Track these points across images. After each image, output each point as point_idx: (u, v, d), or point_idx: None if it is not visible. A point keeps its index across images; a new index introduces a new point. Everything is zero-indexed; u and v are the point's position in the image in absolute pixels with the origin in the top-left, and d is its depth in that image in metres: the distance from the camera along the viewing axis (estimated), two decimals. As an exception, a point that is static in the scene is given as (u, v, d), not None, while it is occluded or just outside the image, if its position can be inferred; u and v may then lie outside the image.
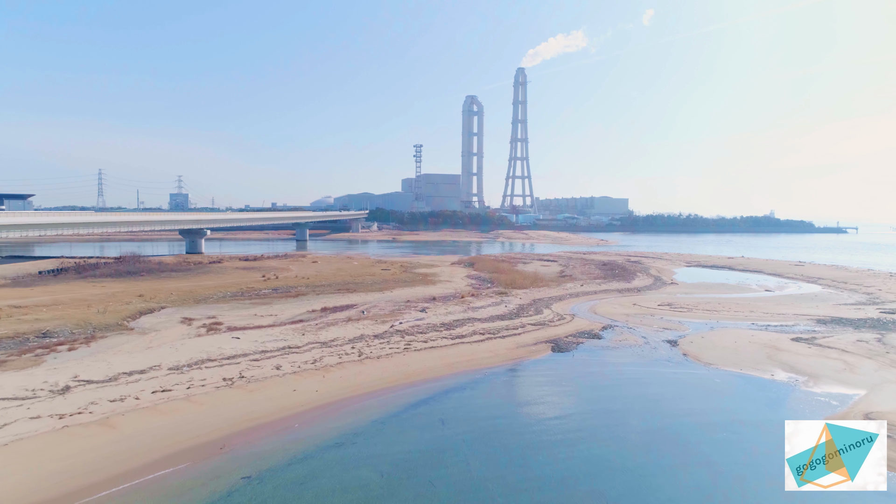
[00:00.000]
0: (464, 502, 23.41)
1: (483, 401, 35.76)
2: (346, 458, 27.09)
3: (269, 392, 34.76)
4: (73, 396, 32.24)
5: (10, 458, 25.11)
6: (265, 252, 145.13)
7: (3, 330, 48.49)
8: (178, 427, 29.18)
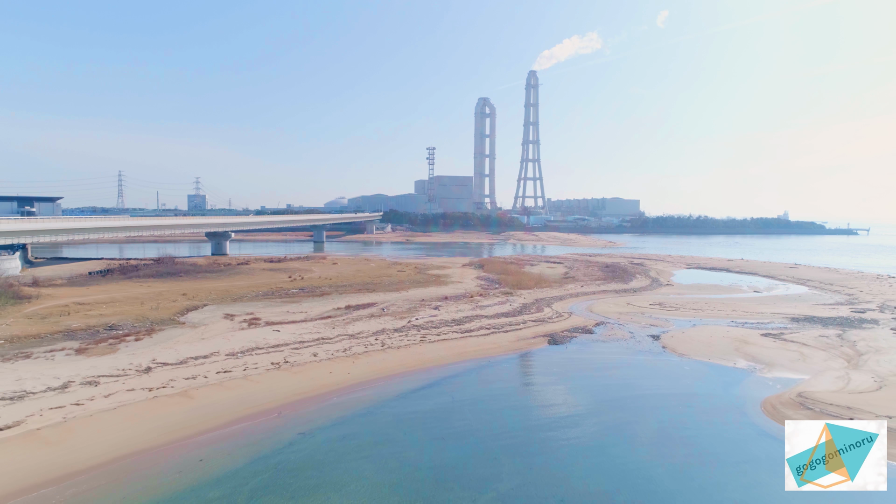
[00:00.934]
0: (463, 445, 30.90)
1: (484, 381, 43.19)
2: (375, 420, 34.57)
3: (310, 374, 42.33)
4: (155, 375, 40.02)
5: (119, 418, 32.81)
6: (287, 254, 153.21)
7: (77, 324, 56.58)
8: (242, 399, 36.78)
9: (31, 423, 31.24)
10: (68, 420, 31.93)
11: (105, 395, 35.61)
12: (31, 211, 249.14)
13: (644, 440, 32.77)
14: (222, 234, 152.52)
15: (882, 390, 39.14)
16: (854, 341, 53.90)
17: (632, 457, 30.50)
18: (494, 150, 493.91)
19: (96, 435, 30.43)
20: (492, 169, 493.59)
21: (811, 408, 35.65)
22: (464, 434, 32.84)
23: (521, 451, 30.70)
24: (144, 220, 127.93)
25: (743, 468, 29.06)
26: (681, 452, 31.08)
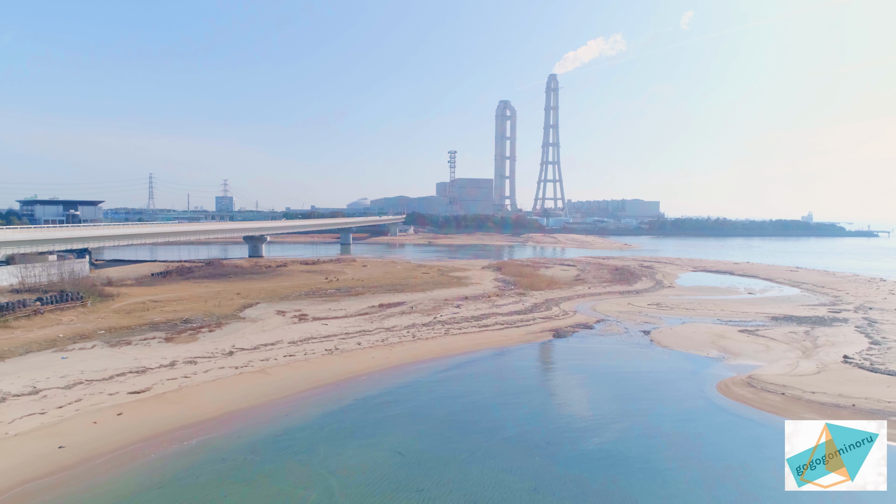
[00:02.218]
0: (478, 407, 41.01)
1: (498, 364, 53.37)
2: (412, 392, 44.77)
3: (356, 358, 52.69)
4: (237, 357, 50.74)
5: (219, 387, 43.40)
6: (318, 256, 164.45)
7: (158, 318, 67.81)
8: (306, 376, 47.23)
9: (157, 389, 42.02)
10: (182, 388, 42.67)
11: (204, 371, 46.38)
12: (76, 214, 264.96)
13: (612, 401, 42.65)
14: (259, 238, 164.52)
15: (819, 374, 48.23)
16: (817, 337, 62.72)
17: (597, 410, 40.54)
18: (515, 152, 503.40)
19: (205, 398, 41.08)
20: (512, 171, 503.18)
21: (755, 386, 45.00)
22: (479, 400, 42.93)
23: (520, 409, 40.69)
24: (195, 226, 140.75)
25: (689, 426, 38.54)
26: (639, 412, 40.75)
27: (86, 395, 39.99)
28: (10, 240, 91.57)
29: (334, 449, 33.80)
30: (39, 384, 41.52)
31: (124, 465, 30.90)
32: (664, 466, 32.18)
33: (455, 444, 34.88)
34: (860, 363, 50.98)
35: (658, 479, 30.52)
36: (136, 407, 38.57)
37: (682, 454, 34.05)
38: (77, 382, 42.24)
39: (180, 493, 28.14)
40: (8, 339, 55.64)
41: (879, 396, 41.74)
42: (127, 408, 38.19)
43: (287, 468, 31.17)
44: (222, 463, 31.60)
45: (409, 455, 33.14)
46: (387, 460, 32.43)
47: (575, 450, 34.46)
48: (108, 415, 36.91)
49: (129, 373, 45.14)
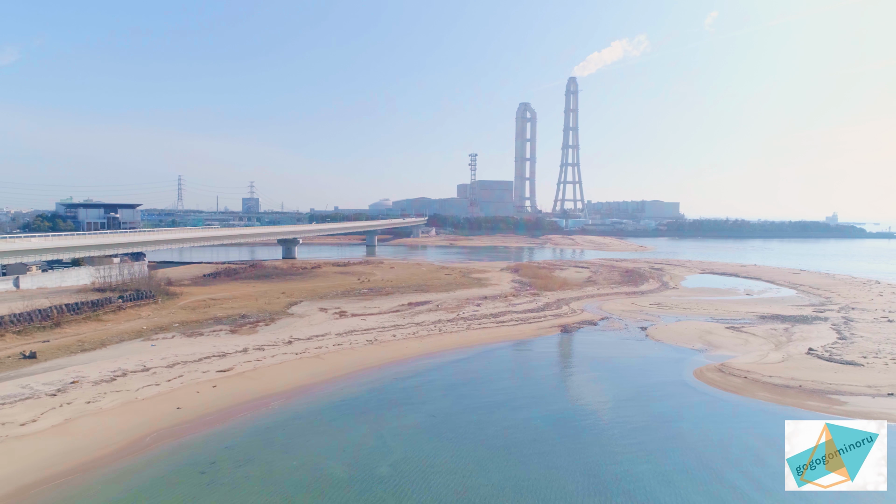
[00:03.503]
0: (495, 384, 50.92)
1: (510, 353, 63.44)
2: (440, 373, 54.92)
3: (393, 347, 62.98)
4: (295, 345, 61.40)
5: (285, 368, 53.94)
6: (348, 258, 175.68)
7: (220, 313, 78.91)
8: (354, 360, 57.61)
9: (238, 369, 52.74)
10: (257, 368, 53.34)
11: (271, 356, 57.11)
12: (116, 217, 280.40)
13: (601, 381, 52.38)
14: (292, 240, 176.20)
15: (783, 363, 57.27)
16: (793, 333, 71.44)
17: (588, 386, 50.24)
18: (535, 153, 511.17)
19: (276, 376, 51.66)
20: (532, 172, 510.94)
21: (724, 372, 54.29)
22: (492, 378, 52.95)
23: (524, 384, 50.65)
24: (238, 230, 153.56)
25: (665, 402, 48.01)
26: (625, 389, 50.38)
27: (185, 372, 50.89)
28: (83, 245, 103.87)
29: (382, 412, 44.10)
30: (147, 364, 52.57)
31: (227, 421, 41.48)
32: (641, 430, 41.82)
33: (474, 409, 44.97)
34: (820, 354, 59.86)
35: (633, 439, 40.15)
36: (225, 381, 49.30)
37: (656, 422, 43.56)
38: (176, 363, 53.21)
39: (272, 439, 38.59)
40: (104, 330, 67.14)
41: (824, 379, 50.86)
42: (218, 382, 48.96)
43: (349, 425, 41.51)
44: (299, 420, 42.08)
45: (439, 416, 43.37)
46: (422, 420, 42.65)
47: (562, 409, 44.41)
48: (205, 387, 47.68)
49: (213, 356, 56.03)
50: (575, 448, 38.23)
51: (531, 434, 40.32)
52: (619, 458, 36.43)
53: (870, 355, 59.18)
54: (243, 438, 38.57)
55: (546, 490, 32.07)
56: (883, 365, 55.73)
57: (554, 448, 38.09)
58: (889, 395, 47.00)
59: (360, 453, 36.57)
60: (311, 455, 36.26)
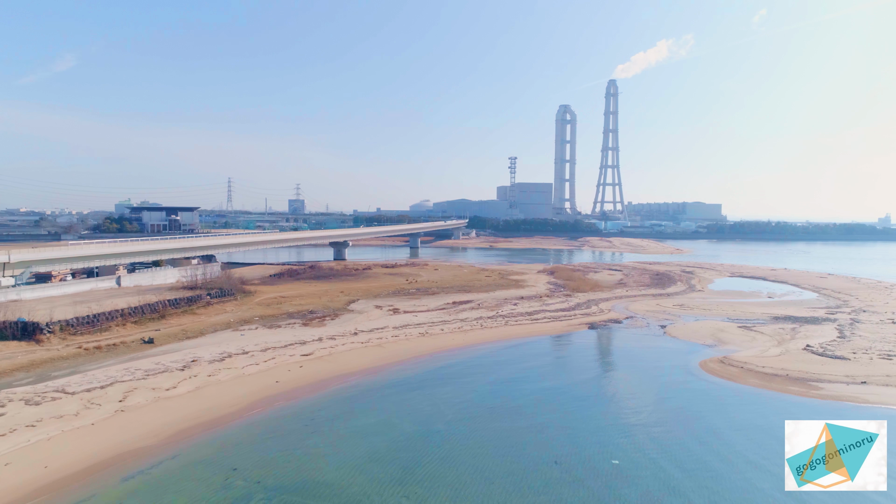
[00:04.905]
0: (526, 368, 61.46)
1: (542, 345, 73.74)
2: (482, 360, 65.79)
3: (441, 339, 74.12)
4: (360, 336, 73.21)
5: (354, 354, 65.67)
6: (397, 259, 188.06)
7: (291, 309, 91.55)
8: (408, 349, 68.95)
9: (317, 353, 64.72)
10: (332, 353, 65.23)
11: (342, 344, 69.02)
12: (176, 220, 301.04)
13: (618, 367, 62.33)
14: (342, 243, 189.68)
15: (779, 356, 65.99)
16: (799, 332, 79.53)
17: (603, 369, 60.24)
18: (575, 155, 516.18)
19: (348, 359, 63.40)
20: (572, 174, 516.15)
21: (725, 363, 63.47)
22: (528, 363, 63.54)
23: (552, 368, 61.05)
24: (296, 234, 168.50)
25: (670, 386, 57.64)
26: (635, 373, 60.26)
27: (276, 355, 63.15)
28: (166, 248, 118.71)
29: (435, 388, 55.28)
30: (245, 348, 65.13)
31: (315, 392, 53.21)
32: (640, 401, 51.88)
33: (508, 383, 55.80)
34: (815, 350, 68.28)
35: (632, 406, 50.28)
36: (308, 363, 61.30)
37: (656, 397, 53.51)
38: (267, 348, 65.61)
39: (353, 405, 50.14)
40: (200, 322, 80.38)
41: (810, 370, 59.69)
42: (304, 363, 60.99)
43: (410, 396, 52.79)
44: (371, 392, 53.61)
45: (482, 391, 54.43)
46: (468, 394, 53.62)
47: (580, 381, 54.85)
48: (294, 367, 59.74)
49: (295, 343, 68.28)
50: (584, 407, 48.95)
51: (553, 397, 51.59)
52: (618, 417, 46.75)
53: (859, 351, 67.35)
54: (330, 404, 50.28)
55: (561, 428, 42.73)
56: (868, 360, 64.00)
57: (571, 407, 49.15)
58: (862, 383, 55.63)
59: (420, 416, 47.79)
60: (384, 416, 47.64)
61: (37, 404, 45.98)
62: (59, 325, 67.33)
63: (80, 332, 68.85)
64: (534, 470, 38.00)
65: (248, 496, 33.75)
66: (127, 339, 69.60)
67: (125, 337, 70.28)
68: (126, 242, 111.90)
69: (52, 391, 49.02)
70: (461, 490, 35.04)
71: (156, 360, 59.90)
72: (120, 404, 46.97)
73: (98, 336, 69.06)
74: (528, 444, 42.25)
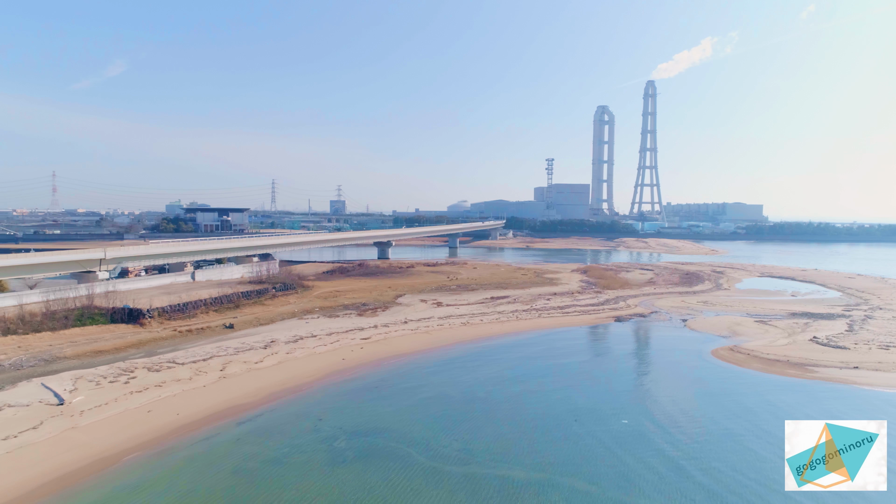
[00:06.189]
0: (556, 350, 70.58)
1: (572, 334, 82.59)
2: (516, 346, 75.14)
3: (481, 328, 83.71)
4: (409, 325, 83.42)
5: (404, 340, 75.81)
6: (437, 259, 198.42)
7: (346, 301, 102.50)
8: (453, 335, 78.77)
9: (373, 338, 75.13)
10: (387, 338, 75.56)
11: (394, 331, 79.32)
12: (228, 220, 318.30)
13: (639, 352, 70.83)
14: (386, 243, 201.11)
15: (785, 346, 73.32)
16: (811, 326, 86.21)
17: (624, 351, 68.85)
18: (612, 155, 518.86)
19: (400, 344, 73.57)
20: (609, 174, 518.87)
21: (734, 351, 71.22)
22: (558, 347, 72.68)
23: (583, 350, 70.04)
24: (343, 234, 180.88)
25: (682, 367, 65.92)
26: (652, 355, 68.66)
27: (339, 338, 73.85)
28: (232, 247, 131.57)
29: (477, 366, 65.00)
30: (313, 333, 76.04)
31: (375, 368, 63.46)
32: (656, 382, 60.54)
33: (540, 362, 65.09)
34: (821, 341, 75.31)
35: (651, 387, 58.98)
36: (366, 346, 71.71)
37: (666, 376, 62.05)
38: (331, 332, 76.43)
39: (408, 378, 60.17)
40: (269, 311, 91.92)
41: (809, 357, 67.12)
42: (363, 345, 71.47)
43: (456, 372, 62.59)
44: (423, 369, 63.62)
45: (515, 369, 63.93)
46: (504, 370, 63.19)
47: (602, 358, 63.76)
48: (356, 348, 70.24)
49: (354, 329, 78.94)
50: (602, 380, 58.06)
51: (578, 370, 60.77)
52: (630, 388, 55.63)
53: (861, 343, 74.17)
54: (388, 376, 60.50)
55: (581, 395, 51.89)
56: (867, 349, 70.91)
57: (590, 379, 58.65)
58: (854, 368, 62.93)
59: (464, 387, 57.55)
60: (434, 385, 57.61)
61: (157, 371, 57.50)
62: (157, 312, 79.53)
63: (174, 317, 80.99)
64: (556, 425, 47.35)
65: (333, 436, 44.09)
66: (211, 324, 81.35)
67: (209, 322, 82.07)
68: (198, 241, 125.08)
69: (165, 362, 60.58)
70: (497, 438, 44.61)
71: (240, 340, 71.26)
72: (221, 373, 58.15)
73: (188, 321, 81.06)
74: (553, 406, 51.55)
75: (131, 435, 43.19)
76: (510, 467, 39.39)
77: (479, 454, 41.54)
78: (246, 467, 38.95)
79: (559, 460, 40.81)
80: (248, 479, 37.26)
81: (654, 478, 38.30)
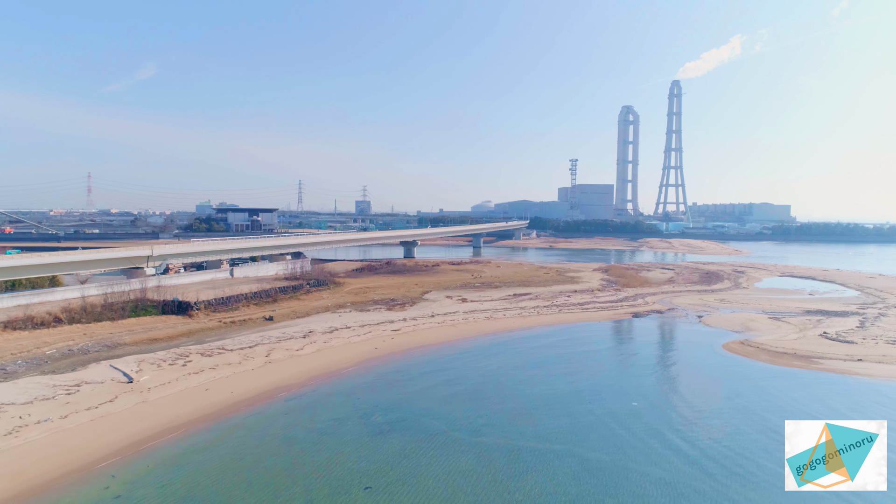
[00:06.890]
0: (574, 342, 75.18)
1: (591, 328, 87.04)
2: (536, 338, 79.90)
3: (503, 322, 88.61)
4: (435, 319, 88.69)
5: (431, 332, 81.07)
6: (462, 258, 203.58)
7: (376, 297, 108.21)
8: (476, 329, 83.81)
9: (403, 330, 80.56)
10: (415, 330, 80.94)
11: (422, 324, 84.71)
12: (257, 220, 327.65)
13: (654, 344, 75.11)
14: (412, 242, 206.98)
15: (795, 341, 76.70)
16: (823, 322, 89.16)
17: (639, 343, 73.16)
18: (637, 155, 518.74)
19: (428, 335, 78.85)
20: (634, 174, 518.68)
21: (745, 344, 74.90)
22: (577, 340, 77.29)
23: (600, 341, 74.53)
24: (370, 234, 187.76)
25: (694, 359, 69.98)
26: (666, 347, 72.85)
27: (371, 330, 79.47)
28: (267, 245, 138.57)
29: (499, 355, 70.03)
30: (347, 324, 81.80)
31: (405, 356, 68.82)
32: (666, 370, 64.85)
33: (558, 353, 69.88)
34: (830, 336, 78.50)
35: (660, 374, 63.35)
36: (396, 336, 77.16)
37: (679, 367, 66.27)
38: (364, 325, 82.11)
39: (434, 364, 65.41)
40: (304, 305, 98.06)
41: (816, 350, 70.62)
42: (394, 336, 76.95)
43: (479, 360, 67.67)
44: (447, 357, 68.83)
45: (539, 356, 68.91)
46: (524, 359, 68.11)
47: (620, 348, 68.17)
48: (387, 338, 75.75)
49: (384, 322, 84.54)
50: (615, 366, 62.44)
51: (591, 359, 65.48)
52: (641, 374, 60.14)
53: (869, 338, 77.25)
54: (418, 363, 65.85)
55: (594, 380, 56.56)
56: (874, 344, 74.06)
57: (604, 366, 62.97)
58: (858, 361, 66.31)
59: (485, 371, 62.69)
60: (459, 371, 62.82)
61: (209, 356, 63.67)
62: (204, 304, 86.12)
63: (218, 309, 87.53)
64: (565, 406, 52.12)
65: (370, 413, 49.53)
66: (252, 316, 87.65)
67: (250, 315, 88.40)
68: (235, 240, 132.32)
69: (216, 349, 66.78)
70: (514, 416, 49.55)
71: (281, 331, 77.31)
72: (266, 359, 64.09)
73: (231, 313, 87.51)
74: (559, 388, 56.33)
75: (193, 409, 49.16)
76: (517, 438, 44.46)
77: (490, 426, 46.63)
78: (294, 434, 44.66)
79: (560, 432, 45.72)
80: (297, 444, 42.97)
81: (644, 448, 43.04)
